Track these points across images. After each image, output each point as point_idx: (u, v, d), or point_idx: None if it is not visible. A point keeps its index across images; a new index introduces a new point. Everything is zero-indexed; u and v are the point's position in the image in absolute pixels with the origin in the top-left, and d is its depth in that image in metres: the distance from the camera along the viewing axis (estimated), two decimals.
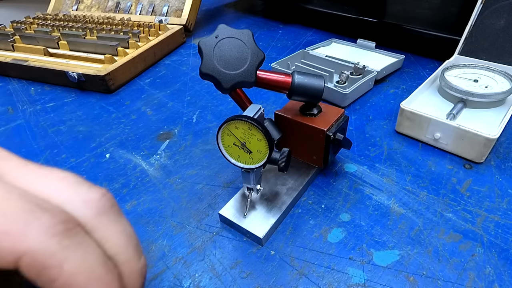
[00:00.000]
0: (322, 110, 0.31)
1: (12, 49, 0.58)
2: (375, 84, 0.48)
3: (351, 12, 0.60)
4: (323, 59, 0.50)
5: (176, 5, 0.68)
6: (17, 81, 0.55)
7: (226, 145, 0.26)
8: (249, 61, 0.25)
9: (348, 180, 0.33)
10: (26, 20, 0.69)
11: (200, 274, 0.25)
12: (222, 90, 0.26)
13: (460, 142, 0.34)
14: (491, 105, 0.38)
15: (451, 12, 0.50)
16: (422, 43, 0.58)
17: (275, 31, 0.69)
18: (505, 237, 0.27)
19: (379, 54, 0.53)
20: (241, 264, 0.26)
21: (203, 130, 0.41)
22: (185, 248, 0.27)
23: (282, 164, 0.25)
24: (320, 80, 0.28)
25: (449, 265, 0.25)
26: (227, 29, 0.25)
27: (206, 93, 0.49)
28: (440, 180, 0.32)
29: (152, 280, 0.25)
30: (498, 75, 0.39)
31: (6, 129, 0.44)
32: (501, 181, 0.32)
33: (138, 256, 0.16)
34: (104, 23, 0.65)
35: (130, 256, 0.15)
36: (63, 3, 0.78)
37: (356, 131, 0.40)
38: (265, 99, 0.47)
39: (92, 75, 0.49)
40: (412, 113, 0.36)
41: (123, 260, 0.15)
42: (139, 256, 0.16)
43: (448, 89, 0.38)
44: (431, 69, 0.52)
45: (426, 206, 0.30)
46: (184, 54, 0.62)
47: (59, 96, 0.51)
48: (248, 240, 0.28)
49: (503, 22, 0.41)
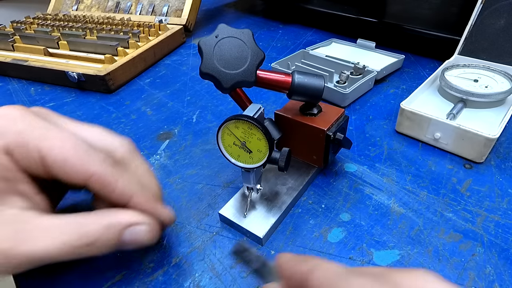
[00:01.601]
0: (322, 110, 0.31)
1: (12, 49, 0.58)
2: (375, 84, 0.48)
3: (351, 12, 0.60)
4: (323, 59, 0.50)
5: (176, 5, 0.68)
6: (17, 81, 0.55)
7: (226, 145, 0.26)
8: (249, 61, 0.25)
9: (348, 180, 0.33)
10: (26, 20, 0.69)
11: (200, 274, 0.25)
12: (222, 90, 0.26)
13: (460, 142, 0.34)
14: (491, 105, 0.38)
15: (451, 12, 0.50)
16: (422, 43, 0.58)
17: (275, 31, 0.69)
18: (505, 237, 0.27)
19: (379, 54, 0.53)
20: (241, 263, 0.26)
21: (203, 130, 0.41)
22: (185, 248, 0.27)
23: (282, 164, 0.25)
24: (320, 80, 0.28)
25: (449, 264, 0.25)
26: (227, 29, 0.25)
27: (206, 93, 0.49)
28: (440, 180, 0.32)
29: (152, 280, 0.25)
30: (498, 75, 0.39)
31: None
32: (501, 181, 0.32)
33: (155, 179, 0.25)
34: (104, 23, 0.65)
35: (154, 182, 0.24)
36: (63, 3, 0.78)
37: (356, 131, 0.40)
38: (265, 99, 0.47)
39: (92, 75, 0.49)
40: (412, 113, 0.36)
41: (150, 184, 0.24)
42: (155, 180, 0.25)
43: (448, 89, 0.38)
44: (431, 69, 0.52)
45: (426, 206, 0.30)
46: (184, 54, 0.62)
47: (59, 96, 0.51)
48: (248, 239, 0.28)
49: (503, 22, 0.41)
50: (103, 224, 0.20)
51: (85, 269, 0.26)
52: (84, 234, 0.19)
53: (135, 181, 0.22)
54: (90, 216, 0.20)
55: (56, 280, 0.25)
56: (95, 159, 0.20)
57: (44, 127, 0.20)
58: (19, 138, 0.19)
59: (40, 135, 0.19)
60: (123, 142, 0.24)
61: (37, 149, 0.19)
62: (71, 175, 0.20)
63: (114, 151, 0.23)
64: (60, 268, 0.26)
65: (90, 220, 0.20)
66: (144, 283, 0.25)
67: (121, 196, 0.21)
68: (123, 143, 0.23)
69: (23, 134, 0.19)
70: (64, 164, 0.19)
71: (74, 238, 0.19)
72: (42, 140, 0.19)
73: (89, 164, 0.20)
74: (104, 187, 0.20)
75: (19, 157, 0.19)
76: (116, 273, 0.25)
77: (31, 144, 0.19)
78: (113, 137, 0.23)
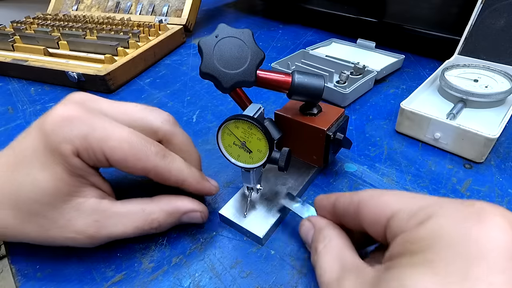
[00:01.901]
0: (322, 110, 0.31)
1: (12, 49, 0.58)
2: (375, 84, 0.48)
3: (351, 12, 0.60)
4: (323, 59, 0.50)
5: (176, 5, 0.68)
6: (17, 81, 0.55)
7: (226, 145, 0.26)
8: (249, 61, 0.25)
9: (348, 180, 0.33)
10: (26, 20, 0.69)
11: (200, 274, 0.25)
12: (222, 90, 0.26)
13: (460, 142, 0.34)
14: (491, 105, 0.38)
15: (451, 12, 0.50)
16: (422, 43, 0.58)
17: (275, 31, 0.69)
18: None
19: (379, 54, 0.53)
20: (241, 263, 0.26)
21: (203, 130, 0.41)
22: (185, 248, 0.27)
23: (282, 164, 0.25)
24: (320, 80, 0.28)
25: None
26: (227, 29, 0.25)
27: (206, 93, 0.49)
28: (440, 179, 0.32)
29: (152, 280, 0.25)
30: (498, 75, 0.39)
31: (6, 129, 0.44)
32: (501, 181, 0.32)
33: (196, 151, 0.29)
34: (104, 23, 0.65)
35: (194, 150, 0.29)
36: (63, 3, 0.78)
37: (356, 131, 0.40)
38: (265, 99, 0.47)
39: (92, 75, 0.49)
40: (412, 113, 0.36)
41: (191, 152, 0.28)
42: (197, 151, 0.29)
43: (448, 89, 0.38)
44: (431, 69, 0.52)
45: None
46: (184, 54, 0.62)
47: (59, 96, 0.51)
48: (248, 239, 0.28)
49: (503, 22, 0.41)
50: (166, 212, 0.25)
51: (85, 269, 0.26)
52: (151, 221, 0.25)
53: (183, 165, 0.26)
54: (153, 203, 0.26)
55: (56, 280, 0.25)
56: (150, 155, 0.23)
57: (103, 127, 0.23)
58: (85, 143, 0.22)
59: (101, 138, 0.22)
60: (164, 118, 0.27)
61: (101, 151, 0.22)
62: (131, 170, 0.24)
63: (157, 130, 0.26)
64: (60, 268, 0.26)
65: (155, 207, 0.25)
66: (144, 283, 0.25)
67: (175, 183, 0.26)
68: (163, 119, 0.26)
69: (87, 138, 0.22)
70: (125, 163, 0.23)
71: (143, 223, 0.25)
72: (104, 142, 0.22)
73: (146, 161, 0.23)
74: (160, 178, 0.25)
75: (87, 158, 0.23)
76: (116, 273, 0.25)
77: (95, 146, 0.22)
78: (153, 114, 0.26)
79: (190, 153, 0.28)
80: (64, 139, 0.22)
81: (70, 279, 0.25)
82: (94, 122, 0.23)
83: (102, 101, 0.25)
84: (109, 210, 0.24)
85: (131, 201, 0.25)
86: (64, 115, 0.22)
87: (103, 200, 0.24)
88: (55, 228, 0.23)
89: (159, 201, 0.26)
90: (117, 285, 0.25)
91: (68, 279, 0.25)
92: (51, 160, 0.22)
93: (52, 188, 0.22)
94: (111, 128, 0.23)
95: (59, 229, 0.23)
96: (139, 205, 0.25)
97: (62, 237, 0.23)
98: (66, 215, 0.23)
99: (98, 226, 0.23)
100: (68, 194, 0.23)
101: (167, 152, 0.25)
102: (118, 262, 0.26)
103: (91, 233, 0.23)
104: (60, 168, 0.22)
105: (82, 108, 0.23)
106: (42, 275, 0.26)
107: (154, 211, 0.25)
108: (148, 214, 0.25)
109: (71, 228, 0.23)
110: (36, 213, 0.22)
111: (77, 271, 0.26)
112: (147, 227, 0.25)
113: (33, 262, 0.26)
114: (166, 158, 0.25)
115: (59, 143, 0.22)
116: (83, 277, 0.25)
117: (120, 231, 0.24)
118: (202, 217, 0.27)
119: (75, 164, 0.22)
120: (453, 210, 0.16)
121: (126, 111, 0.25)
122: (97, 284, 0.25)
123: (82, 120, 0.22)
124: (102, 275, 0.25)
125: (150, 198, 0.26)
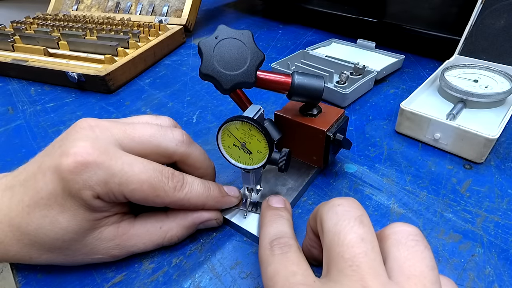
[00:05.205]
0: (322, 111, 0.31)
1: (12, 49, 0.58)
2: (375, 84, 0.48)
3: (351, 12, 0.60)
4: (323, 59, 0.50)
5: (176, 5, 0.68)
6: (17, 81, 0.55)
7: (226, 146, 0.26)
8: (249, 62, 0.25)
9: (348, 181, 0.33)
10: (26, 20, 0.69)
11: (200, 275, 0.25)
12: (222, 91, 0.26)
13: (460, 142, 0.34)
14: (491, 105, 0.38)
15: (451, 12, 0.50)
16: (422, 43, 0.58)
17: (275, 31, 0.69)
18: (505, 238, 0.27)
19: (379, 54, 0.53)
20: (241, 264, 0.26)
21: (203, 130, 0.41)
22: (185, 249, 0.27)
23: (282, 165, 0.25)
24: (320, 81, 0.28)
25: (449, 265, 0.25)
26: (227, 30, 0.25)
27: (206, 93, 0.49)
28: (440, 180, 0.32)
29: (152, 281, 0.25)
30: (498, 75, 0.39)
31: (6, 129, 0.44)
32: (501, 181, 0.32)
33: (211, 164, 0.29)
34: (104, 23, 0.65)
35: (209, 164, 0.29)
36: (63, 3, 0.78)
37: (356, 131, 0.40)
38: (265, 100, 0.47)
39: (92, 75, 0.49)
40: (412, 113, 0.36)
41: (206, 167, 0.28)
42: (211, 163, 0.29)
43: (448, 89, 0.38)
44: (431, 69, 0.52)
45: (426, 206, 0.30)
46: (184, 54, 0.62)
47: (59, 96, 0.51)
48: (248, 240, 0.28)
49: (503, 22, 0.41)
50: (183, 226, 0.26)
51: (85, 270, 0.26)
52: (169, 238, 0.26)
53: (201, 189, 0.26)
54: (170, 220, 0.26)
55: (56, 280, 0.25)
56: (168, 191, 0.24)
57: (121, 170, 0.22)
58: (105, 188, 0.22)
59: (121, 183, 0.22)
60: (177, 140, 0.26)
61: (122, 194, 0.23)
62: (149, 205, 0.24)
63: (173, 154, 0.26)
64: (60, 269, 0.26)
65: (173, 224, 0.26)
66: (144, 284, 0.25)
67: (195, 208, 0.26)
68: (177, 141, 0.26)
69: (108, 184, 0.22)
70: (145, 202, 0.24)
71: (162, 240, 0.26)
72: (125, 187, 0.22)
73: (164, 197, 0.24)
74: (180, 207, 0.26)
75: (107, 199, 0.23)
76: (116, 274, 0.25)
77: (116, 191, 0.22)
78: (167, 137, 0.25)
79: (206, 168, 0.28)
80: (84, 186, 0.22)
81: (71, 280, 0.25)
82: (111, 165, 0.22)
83: (113, 128, 0.24)
84: (128, 233, 0.25)
85: (148, 218, 0.26)
86: (79, 161, 0.21)
87: (121, 223, 0.25)
88: (80, 255, 0.24)
89: (176, 216, 0.26)
90: (117, 286, 0.25)
91: (69, 280, 0.25)
92: (70, 203, 0.22)
93: (75, 227, 0.23)
94: (130, 171, 0.23)
95: (84, 255, 0.24)
96: (156, 222, 0.26)
97: (88, 258, 0.25)
98: (88, 245, 0.24)
99: (120, 248, 0.25)
100: (90, 229, 0.23)
101: (184, 182, 0.25)
102: (118, 263, 0.26)
103: (114, 254, 0.25)
104: (82, 209, 0.22)
105: (95, 147, 0.22)
106: (42, 276, 0.26)
107: (172, 227, 0.26)
108: (166, 232, 0.26)
109: (95, 253, 0.24)
110: (59, 247, 0.23)
111: (77, 272, 0.26)
112: (166, 242, 0.26)
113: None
114: (184, 189, 0.25)
115: (79, 190, 0.22)
116: (84, 278, 0.25)
117: (140, 249, 0.26)
118: (218, 223, 0.28)
119: (96, 205, 0.23)
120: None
121: (141, 139, 0.25)
122: (97, 285, 0.25)
123: (98, 165, 0.22)
124: (102, 276, 0.25)
125: (165, 214, 0.26)
